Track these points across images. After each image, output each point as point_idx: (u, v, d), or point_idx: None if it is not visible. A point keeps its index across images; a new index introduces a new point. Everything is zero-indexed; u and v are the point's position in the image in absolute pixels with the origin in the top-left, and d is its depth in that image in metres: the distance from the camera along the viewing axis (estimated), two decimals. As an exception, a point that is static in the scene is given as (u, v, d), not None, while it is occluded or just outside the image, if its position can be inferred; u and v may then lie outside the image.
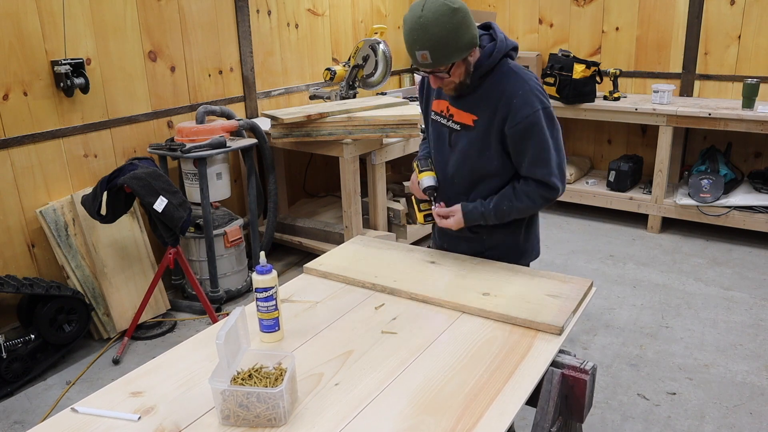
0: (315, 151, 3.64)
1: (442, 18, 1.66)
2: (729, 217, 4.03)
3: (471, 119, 1.87)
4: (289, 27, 4.23)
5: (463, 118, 1.89)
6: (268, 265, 1.55)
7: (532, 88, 1.80)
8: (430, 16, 1.67)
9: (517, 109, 1.78)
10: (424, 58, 1.71)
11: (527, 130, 1.79)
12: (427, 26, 1.67)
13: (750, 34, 4.20)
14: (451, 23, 1.67)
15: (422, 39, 1.69)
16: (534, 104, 1.78)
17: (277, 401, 1.25)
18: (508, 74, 1.82)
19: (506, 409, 1.30)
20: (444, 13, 1.67)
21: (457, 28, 1.68)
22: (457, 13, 1.68)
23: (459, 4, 1.70)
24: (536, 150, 1.81)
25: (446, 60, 1.72)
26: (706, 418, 2.45)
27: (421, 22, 1.68)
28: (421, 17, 1.68)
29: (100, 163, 3.26)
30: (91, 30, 3.14)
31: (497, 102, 1.81)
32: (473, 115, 1.86)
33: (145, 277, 3.29)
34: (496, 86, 1.82)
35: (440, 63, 1.72)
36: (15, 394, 2.76)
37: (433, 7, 1.67)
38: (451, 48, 1.70)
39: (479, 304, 1.70)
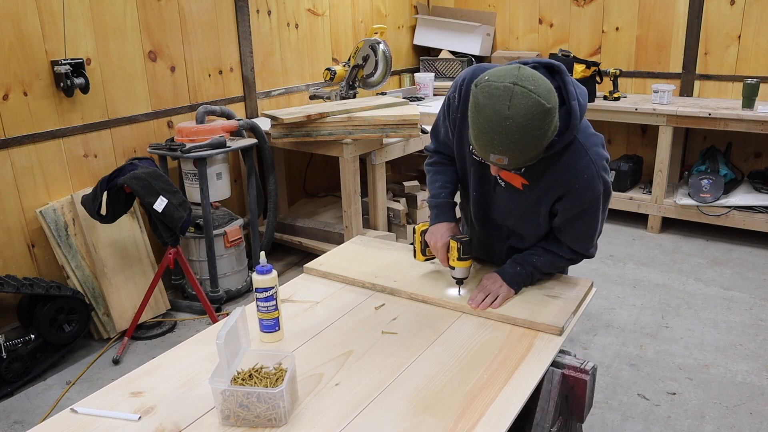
0: (315, 151, 3.64)
1: (533, 123, 1.38)
2: (729, 217, 4.03)
3: (520, 182, 1.67)
4: (289, 27, 4.23)
5: (511, 178, 1.68)
6: (268, 265, 1.55)
7: (597, 172, 1.59)
8: (519, 121, 1.37)
9: (579, 193, 1.60)
10: (500, 161, 1.46)
11: (582, 213, 1.65)
12: (514, 133, 1.38)
13: (750, 34, 4.20)
14: (541, 129, 1.40)
15: (503, 145, 1.41)
16: (597, 189, 1.60)
17: (277, 401, 1.25)
18: (574, 147, 1.58)
19: (506, 409, 1.30)
20: (536, 116, 1.37)
21: (545, 134, 1.42)
22: (548, 115, 1.39)
23: (553, 101, 1.40)
24: (585, 228, 1.71)
25: (525, 165, 1.50)
26: (706, 418, 2.45)
27: (508, 126, 1.38)
28: (507, 119, 1.37)
29: (100, 163, 3.26)
30: (91, 30, 3.14)
31: (556, 177, 1.61)
32: (523, 179, 1.66)
33: (145, 277, 3.29)
34: (559, 158, 1.59)
35: (518, 167, 1.52)
36: (15, 394, 2.75)
37: (524, 106, 1.37)
38: (534, 154, 1.45)
39: (479, 304, 1.70)
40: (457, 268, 1.75)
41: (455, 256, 1.74)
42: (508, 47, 5.21)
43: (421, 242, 1.88)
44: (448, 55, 5.23)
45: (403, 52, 5.34)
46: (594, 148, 1.60)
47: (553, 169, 1.60)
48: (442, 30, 5.25)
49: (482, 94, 1.41)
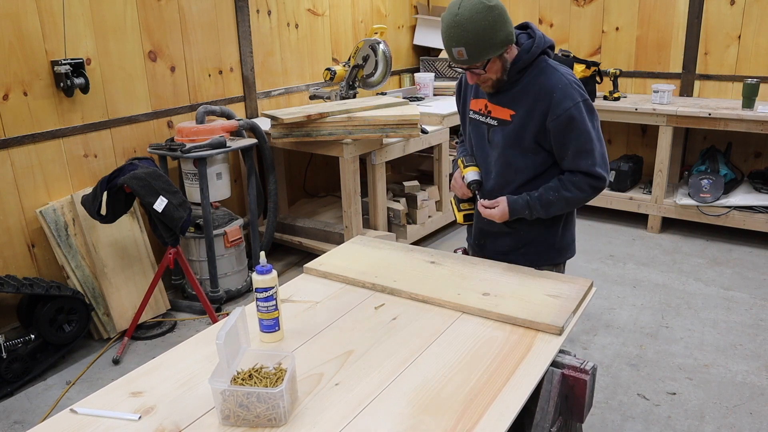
0: (315, 151, 3.64)
1: (478, 15, 1.71)
2: (729, 217, 4.03)
3: (509, 114, 1.90)
4: (289, 27, 4.23)
5: (500, 113, 1.92)
6: (268, 265, 1.55)
7: (570, 82, 1.84)
8: (466, 14, 1.71)
9: (558, 102, 1.81)
10: (460, 54, 1.76)
11: (569, 122, 1.82)
12: (463, 23, 1.72)
13: (750, 34, 4.20)
14: (487, 20, 1.71)
15: (458, 36, 1.73)
16: (574, 97, 1.82)
17: (277, 401, 1.25)
18: (546, 69, 1.87)
19: (506, 409, 1.30)
20: (479, 10, 1.71)
21: (493, 25, 1.73)
22: (492, 10, 1.72)
23: (495, 1, 1.74)
24: (579, 141, 1.84)
25: (482, 56, 1.76)
26: (706, 418, 2.45)
27: (458, 20, 1.72)
28: (457, 15, 1.73)
29: (100, 163, 3.26)
30: (91, 30, 3.14)
31: (536, 96, 1.84)
32: (511, 110, 1.89)
33: (145, 277, 3.29)
34: (535, 81, 1.85)
35: (476, 59, 1.76)
36: (15, 394, 2.75)
37: (469, 5, 1.72)
38: (487, 44, 1.74)
39: (479, 304, 1.70)
40: (468, 173, 2.02)
41: (462, 166, 2.04)
42: (508, 47, 5.20)
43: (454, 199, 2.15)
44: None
45: (403, 52, 5.34)
46: (563, 69, 1.88)
47: (531, 90, 1.86)
48: (442, 30, 5.24)
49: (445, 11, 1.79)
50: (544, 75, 1.86)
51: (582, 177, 1.88)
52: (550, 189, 1.90)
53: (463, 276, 1.88)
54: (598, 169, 1.87)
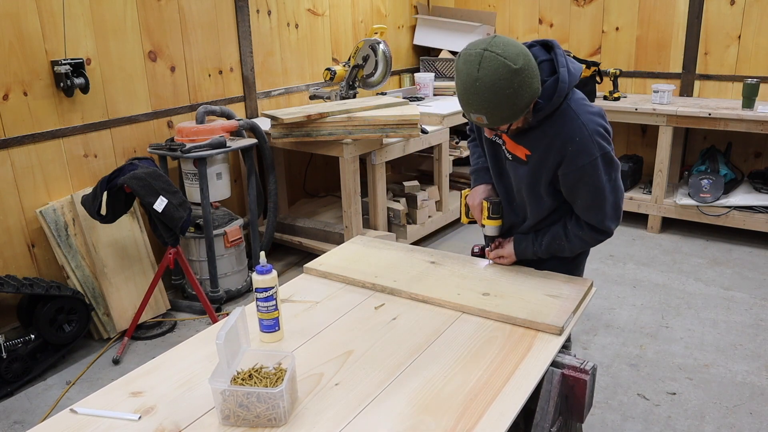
0: (315, 151, 3.64)
1: (501, 83, 1.52)
2: (729, 217, 4.03)
3: (524, 154, 1.77)
4: (289, 27, 4.23)
5: (515, 150, 1.79)
6: (268, 265, 1.55)
7: (591, 133, 1.67)
8: (487, 81, 1.52)
9: (573, 156, 1.67)
10: (480, 120, 1.62)
11: (582, 178, 1.70)
12: (484, 93, 1.53)
13: (750, 34, 4.20)
14: (511, 88, 1.53)
15: (477, 103, 1.57)
16: (592, 152, 1.67)
17: (277, 401, 1.25)
18: (567, 114, 1.68)
19: (506, 409, 1.30)
20: (503, 76, 1.51)
21: (517, 93, 1.54)
22: (517, 75, 1.52)
23: (521, 62, 1.53)
24: (590, 196, 1.74)
25: (503, 123, 1.62)
26: (706, 418, 2.45)
27: (478, 87, 1.53)
28: (477, 80, 1.53)
29: (100, 163, 3.26)
30: (91, 30, 3.14)
31: (551, 144, 1.70)
32: (527, 150, 1.76)
33: (145, 277, 3.29)
34: (553, 125, 1.69)
35: (497, 125, 1.64)
36: (15, 394, 2.75)
37: (491, 68, 1.51)
38: (509, 113, 1.58)
39: (479, 304, 1.70)
40: (488, 226, 1.93)
41: (485, 215, 1.93)
42: (508, 47, 5.20)
43: (465, 206, 2.06)
44: (448, 55, 5.23)
45: (403, 52, 5.34)
46: (586, 115, 1.69)
47: (549, 135, 1.70)
48: (442, 30, 5.25)
49: (460, 60, 1.59)
50: (562, 121, 1.68)
51: (588, 229, 1.81)
52: (556, 237, 1.85)
53: (463, 276, 1.88)
54: (607, 223, 1.79)
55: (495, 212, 1.91)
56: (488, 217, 1.92)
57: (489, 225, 1.92)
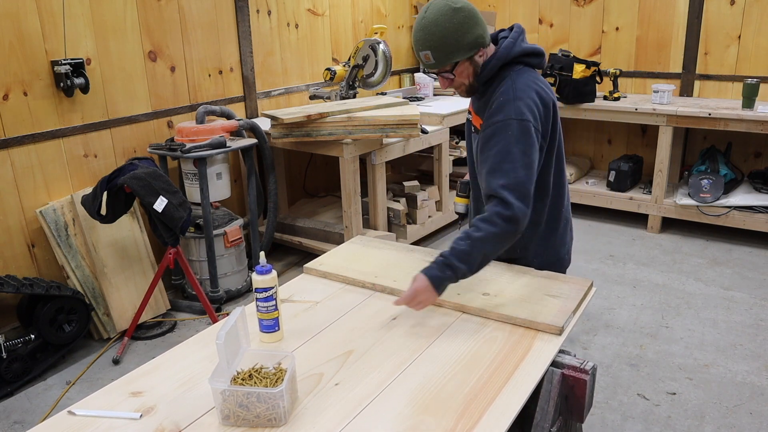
0: (315, 151, 3.64)
1: (443, 18, 1.68)
2: (729, 217, 4.03)
3: (479, 123, 1.84)
4: (289, 27, 4.23)
5: (476, 121, 1.88)
6: (268, 265, 1.55)
7: (515, 98, 1.69)
8: (431, 17, 1.70)
9: (491, 113, 1.72)
10: (427, 58, 1.74)
11: (492, 136, 1.68)
12: (428, 26, 1.70)
13: (750, 34, 4.20)
14: (452, 22, 1.68)
15: (424, 39, 1.72)
16: (508, 112, 1.68)
17: (277, 401, 1.25)
18: (505, 80, 1.76)
19: (506, 409, 1.30)
20: (445, 12, 1.69)
21: (459, 27, 1.69)
22: (458, 12, 1.69)
23: (462, 3, 1.71)
24: (498, 159, 1.65)
25: (448, 59, 1.73)
26: (706, 418, 2.45)
27: (423, 23, 1.71)
28: (423, 18, 1.71)
29: (100, 163, 3.26)
30: (91, 30, 3.14)
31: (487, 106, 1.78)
32: (480, 119, 1.83)
33: (145, 277, 3.29)
34: (495, 90, 1.77)
35: (442, 63, 1.73)
36: (15, 394, 2.75)
37: (435, 8, 1.70)
38: (453, 47, 1.71)
39: (479, 304, 1.70)
40: (457, 203, 2.15)
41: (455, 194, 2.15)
42: (508, 47, 5.20)
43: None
44: (448, 55, 5.22)
45: (403, 52, 5.34)
46: (523, 84, 1.74)
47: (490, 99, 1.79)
48: (442, 30, 5.24)
49: None
50: (500, 84, 1.76)
51: (491, 207, 1.62)
52: (459, 239, 1.64)
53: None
54: (505, 192, 1.60)
55: (462, 190, 2.11)
56: (457, 195, 2.14)
57: (458, 202, 2.14)
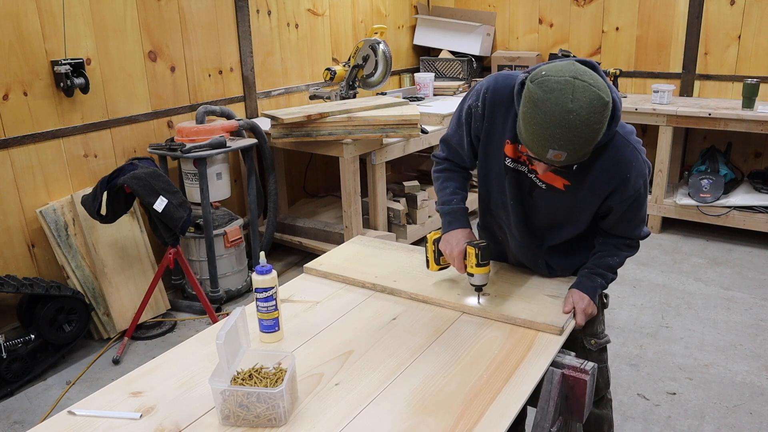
0: (315, 151, 3.64)
1: (595, 116, 1.36)
2: (729, 217, 4.03)
3: (562, 183, 1.62)
4: (289, 27, 4.23)
5: (550, 178, 1.63)
6: (268, 265, 1.55)
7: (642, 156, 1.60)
8: (583, 114, 1.35)
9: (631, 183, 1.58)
10: (557, 157, 1.41)
11: (635, 202, 1.63)
12: (578, 126, 1.36)
13: (750, 34, 4.20)
14: (601, 122, 1.39)
15: (566, 139, 1.37)
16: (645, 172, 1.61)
17: (277, 401, 1.25)
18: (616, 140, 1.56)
19: (506, 409, 1.30)
20: (597, 109, 1.36)
21: (602, 127, 1.41)
22: (607, 109, 1.39)
23: (609, 95, 1.41)
24: (639, 214, 1.69)
25: (581, 160, 1.47)
26: (706, 418, 2.45)
27: (572, 119, 1.35)
28: (571, 112, 1.35)
29: (100, 163, 3.26)
30: (91, 30, 3.14)
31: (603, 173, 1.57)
32: (565, 180, 1.61)
33: (145, 277, 3.29)
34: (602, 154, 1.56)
35: (574, 162, 1.47)
36: (15, 394, 2.75)
37: (585, 99, 1.35)
38: (590, 149, 1.44)
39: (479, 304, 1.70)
40: (476, 275, 1.67)
41: (473, 262, 1.66)
42: (508, 47, 5.21)
43: (435, 251, 1.81)
44: (448, 55, 5.23)
45: (403, 52, 5.34)
46: (632, 137, 1.60)
47: (598, 164, 1.56)
48: (442, 30, 5.25)
49: (540, 89, 1.38)
50: (614, 148, 1.55)
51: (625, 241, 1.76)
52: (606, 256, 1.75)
53: (463, 276, 1.88)
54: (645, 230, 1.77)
55: (484, 258, 1.66)
56: (477, 265, 1.66)
57: (478, 273, 1.67)
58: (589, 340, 1.81)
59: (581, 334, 1.78)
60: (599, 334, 1.84)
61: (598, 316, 1.82)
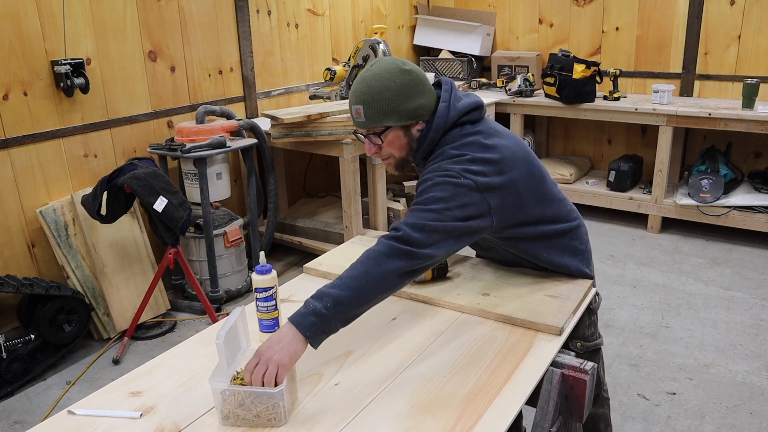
0: (315, 151, 3.64)
1: (387, 74, 1.55)
2: (729, 217, 4.03)
3: None
4: (289, 27, 4.23)
5: None
6: (267, 265, 1.55)
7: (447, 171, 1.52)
8: (375, 70, 1.57)
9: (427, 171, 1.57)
10: (357, 113, 1.59)
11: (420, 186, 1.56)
12: (369, 80, 1.56)
13: (750, 34, 4.20)
14: (395, 82, 1.55)
15: (360, 91, 1.57)
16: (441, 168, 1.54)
17: (277, 401, 1.25)
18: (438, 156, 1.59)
19: (506, 409, 1.30)
20: (390, 70, 1.56)
21: (401, 90, 1.55)
22: (406, 74, 1.56)
23: (412, 67, 1.58)
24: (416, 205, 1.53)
25: (379, 120, 1.57)
26: (706, 418, 2.45)
27: (365, 75, 1.58)
28: (367, 70, 1.59)
29: (100, 163, 3.26)
30: (91, 30, 3.14)
31: None
32: None
33: (145, 277, 3.29)
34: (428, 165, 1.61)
35: (372, 123, 1.58)
36: (15, 394, 2.76)
37: (382, 63, 1.58)
38: (388, 108, 1.55)
39: (479, 304, 1.70)
40: None
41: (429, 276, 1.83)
42: (508, 47, 5.21)
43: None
44: (448, 55, 5.23)
45: (403, 52, 5.34)
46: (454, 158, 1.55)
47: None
48: (442, 30, 5.25)
49: None
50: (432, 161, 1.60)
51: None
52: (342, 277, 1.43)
53: (463, 276, 1.88)
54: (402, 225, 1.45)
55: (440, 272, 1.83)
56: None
57: None
58: (575, 343, 1.77)
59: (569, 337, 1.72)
60: (588, 337, 1.81)
61: (585, 319, 1.77)
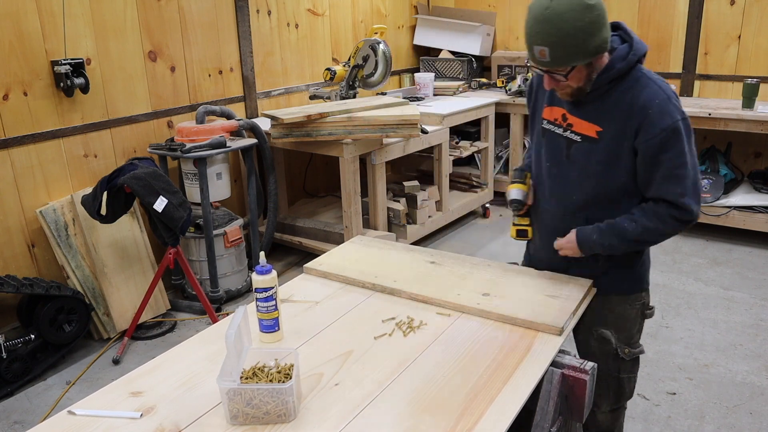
0: (315, 151, 3.64)
1: (573, 13, 1.46)
2: (729, 217, 4.03)
3: (594, 130, 1.65)
4: (289, 27, 4.23)
5: (584, 128, 1.67)
6: (267, 265, 1.55)
7: (669, 97, 1.58)
8: (559, 9, 1.47)
9: (654, 119, 1.56)
10: (542, 54, 1.52)
11: (665, 142, 1.56)
12: (553, 20, 1.47)
13: (750, 34, 4.20)
14: (582, 21, 1.47)
15: (544, 33, 1.49)
16: (674, 114, 1.56)
17: (287, 397, 1.25)
18: (641, 81, 1.61)
19: (506, 409, 1.30)
20: (575, 8, 1.46)
21: (588, 27, 1.48)
22: (591, 10, 1.48)
23: (596, 1, 1.49)
24: (672, 165, 1.58)
25: (568, 61, 1.53)
26: (706, 418, 2.45)
27: (547, 14, 1.48)
28: (548, 8, 1.48)
29: (100, 163, 3.26)
30: (91, 30, 3.14)
31: (628, 111, 1.59)
32: (597, 126, 1.64)
33: (145, 277, 3.29)
34: (626, 94, 1.60)
35: (560, 64, 1.54)
36: (15, 394, 2.76)
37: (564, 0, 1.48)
38: (577, 49, 1.51)
39: (479, 304, 1.70)
40: (510, 190, 1.85)
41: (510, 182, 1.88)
42: (508, 47, 5.21)
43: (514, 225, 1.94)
44: (448, 55, 5.23)
45: (403, 52, 5.34)
46: (662, 82, 1.62)
47: (623, 103, 1.61)
48: (442, 30, 5.25)
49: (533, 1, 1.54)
50: (637, 87, 1.59)
51: (666, 207, 1.61)
52: (626, 219, 1.64)
53: (463, 276, 1.88)
54: (687, 200, 1.58)
55: (517, 176, 1.85)
56: (512, 182, 1.86)
57: (512, 188, 1.84)
58: (623, 348, 1.78)
59: (617, 342, 1.77)
60: (634, 343, 1.82)
61: (636, 324, 1.80)
